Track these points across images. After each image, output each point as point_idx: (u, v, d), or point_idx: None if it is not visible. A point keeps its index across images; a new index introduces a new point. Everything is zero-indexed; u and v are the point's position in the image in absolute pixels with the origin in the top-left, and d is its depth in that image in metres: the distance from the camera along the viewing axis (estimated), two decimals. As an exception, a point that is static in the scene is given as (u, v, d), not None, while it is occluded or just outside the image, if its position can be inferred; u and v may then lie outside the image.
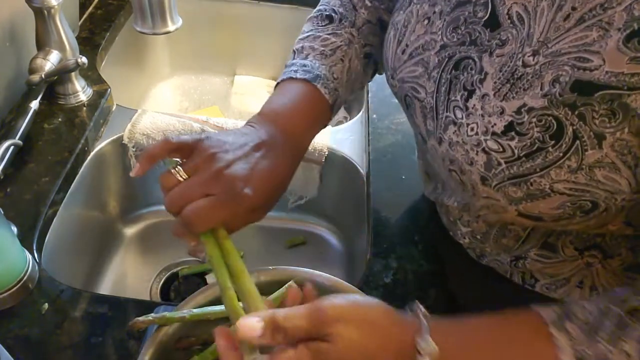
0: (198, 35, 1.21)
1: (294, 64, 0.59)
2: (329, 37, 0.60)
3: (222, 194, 0.45)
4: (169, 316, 0.52)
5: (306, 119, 0.55)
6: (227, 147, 0.48)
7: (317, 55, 0.59)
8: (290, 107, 0.54)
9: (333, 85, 0.57)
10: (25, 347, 0.57)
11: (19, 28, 0.82)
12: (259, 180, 0.47)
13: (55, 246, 0.72)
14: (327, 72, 0.57)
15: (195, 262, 0.91)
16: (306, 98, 0.56)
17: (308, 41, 0.61)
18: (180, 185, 0.46)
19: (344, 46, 0.60)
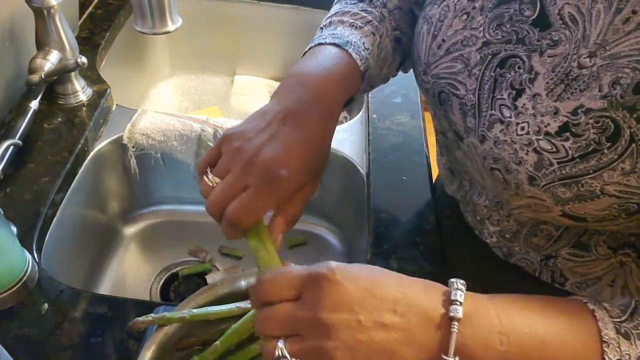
0: (198, 35, 1.21)
1: (322, 35, 0.56)
2: (359, 12, 0.58)
3: (259, 183, 0.44)
4: (169, 316, 0.52)
5: (337, 80, 0.51)
6: (250, 135, 0.46)
7: (347, 27, 0.56)
8: (320, 67, 0.51)
9: (364, 53, 0.54)
10: (25, 347, 0.57)
11: (19, 28, 0.82)
12: (293, 156, 0.45)
13: (55, 246, 0.72)
14: (357, 41, 0.54)
15: (195, 262, 0.91)
16: (337, 59, 0.52)
17: (337, 16, 0.58)
18: (216, 187, 0.45)
19: (375, 22, 0.57)
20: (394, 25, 0.60)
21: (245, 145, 0.45)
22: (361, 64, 0.53)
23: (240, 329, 0.54)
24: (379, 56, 0.57)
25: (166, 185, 0.95)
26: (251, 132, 0.46)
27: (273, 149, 0.44)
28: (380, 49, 0.57)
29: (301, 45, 1.23)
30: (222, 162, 0.46)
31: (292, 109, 0.47)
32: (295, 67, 0.53)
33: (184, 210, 0.98)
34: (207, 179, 0.46)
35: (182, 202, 0.98)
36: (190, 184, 0.94)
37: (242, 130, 0.47)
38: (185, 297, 0.56)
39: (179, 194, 0.97)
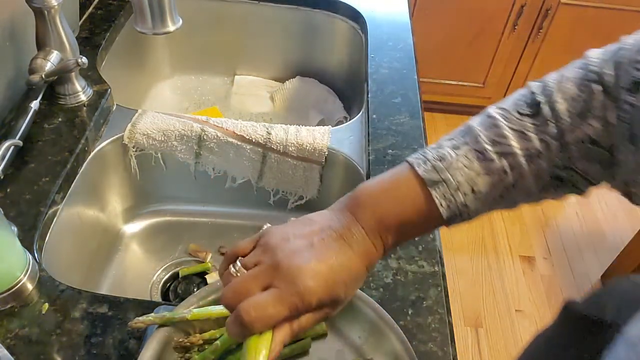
0: (198, 35, 1.21)
1: (439, 146, 0.46)
2: (509, 136, 0.44)
3: (282, 288, 0.40)
4: (169, 316, 0.53)
5: (400, 230, 0.45)
6: (290, 237, 0.43)
7: (472, 152, 0.44)
8: (385, 206, 0.45)
9: (462, 199, 0.44)
10: (25, 347, 0.57)
11: (19, 28, 0.82)
12: (325, 273, 0.41)
13: (55, 246, 0.72)
14: (463, 180, 0.44)
15: (195, 262, 0.91)
16: (410, 203, 0.45)
17: (483, 124, 0.45)
18: (238, 277, 0.43)
19: (522, 157, 0.43)
20: (561, 162, 0.44)
21: (281, 244, 0.43)
22: (446, 211, 0.44)
23: None
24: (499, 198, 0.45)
25: (166, 185, 0.95)
26: (292, 234, 0.44)
27: (307, 259, 0.41)
28: (504, 191, 0.45)
29: (301, 45, 1.24)
30: (253, 254, 0.45)
31: (337, 229, 0.44)
32: (365, 185, 0.47)
33: (184, 210, 0.98)
34: (232, 268, 0.44)
35: (182, 202, 0.98)
36: (190, 184, 0.94)
37: (283, 230, 0.45)
38: (185, 297, 0.56)
39: (179, 194, 0.97)
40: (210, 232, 0.96)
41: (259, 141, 0.86)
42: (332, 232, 0.44)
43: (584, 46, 0.48)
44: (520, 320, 1.77)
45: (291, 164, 0.88)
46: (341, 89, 1.23)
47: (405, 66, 1.02)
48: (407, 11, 1.19)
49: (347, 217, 0.45)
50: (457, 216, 0.45)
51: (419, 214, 0.45)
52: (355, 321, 0.58)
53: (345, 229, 0.44)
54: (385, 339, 0.55)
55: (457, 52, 2.20)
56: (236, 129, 0.87)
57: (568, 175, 0.45)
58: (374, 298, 0.58)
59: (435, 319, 0.63)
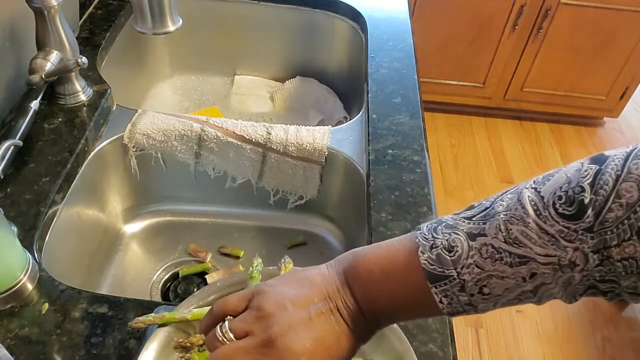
0: (198, 35, 1.21)
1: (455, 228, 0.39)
2: (534, 238, 0.35)
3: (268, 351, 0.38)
4: (169, 316, 0.52)
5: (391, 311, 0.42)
6: (286, 304, 0.40)
7: (493, 252, 0.37)
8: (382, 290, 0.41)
9: (467, 299, 0.38)
10: (25, 347, 0.57)
11: (19, 28, 0.82)
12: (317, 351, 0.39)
13: (55, 246, 0.72)
14: (470, 279, 0.37)
15: (195, 262, 0.91)
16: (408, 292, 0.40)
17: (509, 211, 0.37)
18: (226, 346, 0.40)
19: (547, 268, 0.35)
20: (598, 275, 0.35)
21: (277, 314, 0.40)
22: (446, 308, 0.39)
23: None
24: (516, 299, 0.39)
25: (166, 185, 0.95)
26: (288, 300, 0.41)
27: (304, 341, 0.39)
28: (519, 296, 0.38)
29: (301, 45, 1.24)
30: (244, 318, 0.41)
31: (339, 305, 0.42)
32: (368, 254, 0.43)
33: (184, 210, 0.98)
34: (219, 331, 0.41)
35: (182, 202, 0.98)
36: (190, 184, 0.94)
37: (279, 292, 0.41)
38: (185, 297, 0.56)
39: (179, 194, 0.97)
40: (210, 232, 0.96)
41: (259, 141, 0.86)
42: (330, 304, 0.41)
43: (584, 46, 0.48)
44: (520, 320, 1.77)
45: (291, 164, 0.88)
46: (341, 89, 1.23)
47: (405, 66, 1.02)
48: (407, 11, 1.19)
49: (344, 288, 0.42)
50: (459, 313, 0.40)
51: (417, 305, 0.41)
52: None
53: (343, 302, 0.42)
54: (385, 339, 0.55)
55: (457, 52, 2.20)
56: (236, 129, 0.87)
57: (610, 288, 0.36)
58: (374, 298, 0.58)
59: (436, 319, 0.63)
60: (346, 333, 0.41)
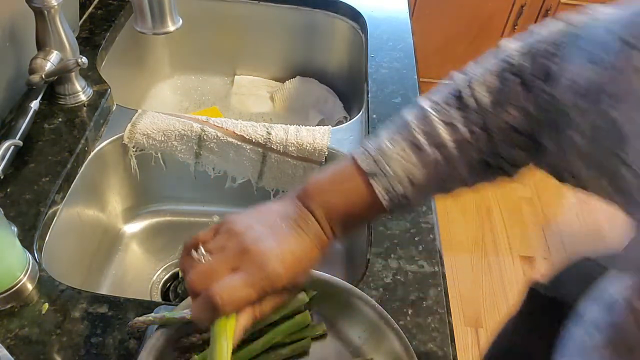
0: (198, 35, 1.21)
1: (378, 139, 0.48)
2: (439, 127, 0.46)
3: (251, 272, 0.42)
4: (169, 316, 0.53)
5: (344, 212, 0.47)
6: (252, 223, 0.45)
7: (408, 144, 0.47)
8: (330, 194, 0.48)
9: (402, 190, 0.46)
10: (25, 347, 0.57)
11: (19, 28, 0.82)
12: (288, 258, 0.43)
13: (55, 246, 0.72)
14: (400, 172, 0.46)
15: (195, 262, 0.91)
16: (355, 195, 0.47)
17: (417, 116, 0.48)
18: (206, 263, 0.43)
19: (453, 149, 0.46)
20: (487, 149, 0.46)
21: (246, 231, 0.44)
22: (387, 202, 0.47)
23: None
24: (435, 187, 0.49)
25: (166, 185, 0.95)
26: (255, 222, 0.45)
27: (273, 246, 0.43)
28: (440, 180, 0.48)
29: (301, 45, 1.24)
30: (218, 239, 0.45)
31: (296, 219, 0.46)
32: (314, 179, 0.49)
33: (184, 210, 0.98)
34: (195, 253, 0.44)
35: (182, 202, 0.98)
36: (190, 184, 0.94)
37: (245, 218, 0.46)
38: (185, 297, 0.56)
39: (179, 194, 0.97)
40: (210, 232, 0.96)
41: (259, 141, 0.86)
42: (290, 221, 0.46)
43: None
44: (520, 320, 1.77)
45: (291, 164, 0.88)
46: (341, 89, 1.23)
47: (405, 66, 1.02)
48: (407, 11, 1.19)
49: (300, 207, 0.47)
50: (398, 206, 0.48)
51: (363, 205, 0.48)
52: (355, 321, 0.58)
53: (300, 218, 0.46)
54: (385, 339, 0.55)
55: (457, 52, 2.20)
56: (236, 129, 0.87)
57: (496, 161, 0.47)
58: (374, 298, 0.58)
59: (435, 319, 0.63)
60: (309, 245, 0.46)
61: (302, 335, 0.58)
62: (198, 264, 0.43)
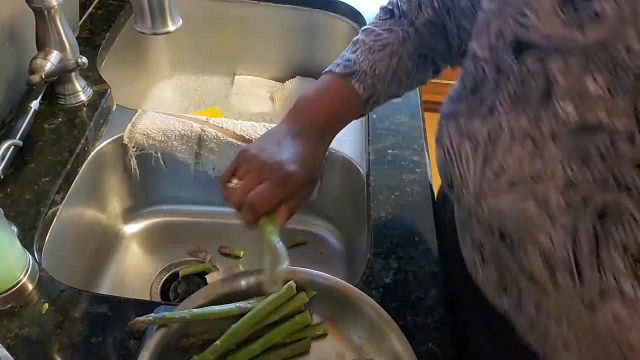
0: (198, 35, 1.21)
1: (343, 56, 0.62)
2: (382, 33, 0.62)
3: (274, 177, 0.53)
4: (169, 316, 0.53)
5: (330, 113, 0.59)
6: (263, 146, 0.56)
7: (365, 50, 0.61)
8: (317, 102, 0.60)
9: (371, 81, 0.60)
10: (25, 347, 0.57)
11: (19, 28, 0.82)
12: (298, 159, 0.54)
13: (55, 246, 0.72)
14: (367, 68, 0.59)
15: (195, 262, 0.91)
16: (335, 93, 0.60)
17: (364, 34, 0.63)
18: (239, 185, 0.55)
19: (395, 44, 0.61)
20: (419, 43, 0.62)
21: (260, 153, 0.55)
22: (363, 92, 0.60)
23: (240, 328, 0.55)
24: (395, 78, 0.61)
25: (166, 185, 0.95)
26: (263, 144, 0.57)
27: (284, 155, 0.54)
28: (395, 71, 0.61)
29: (301, 45, 1.24)
30: (242, 167, 0.56)
31: (295, 133, 0.57)
32: (300, 96, 0.61)
33: (184, 210, 0.98)
34: (230, 184, 0.55)
35: (182, 202, 0.98)
36: (190, 184, 0.94)
37: (255, 144, 0.57)
38: (185, 297, 0.56)
39: (179, 194, 0.97)
40: (210, 232, 0.96)
41: (259, 141, 0.86)
42: (291, 135, 0.57)
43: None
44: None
45: (291, 164, 0.88)
46: (341, 89, 1.23)
47: (405, 66, 1.02)
48: (407, 11, 1.19)
49: (297, 123, 0.59)
50: (371, 97, 0.60)
51: (344, 102, 0.60)
52: (355, 321, 0.58)
53: (298, 131, 0.58)
54: (385, 339, 0.55)
55: (457, 52, 2.20)
56: (236, 129, 0.87)
57: (427, 51, 0.63)
58: (374, 298, 0.58)
59: (435, 319, 0.63)
60: (308, 145, 0.57)
61: (302, 335, 0.58)
62: (235, 189, 0.54)
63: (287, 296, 0.57)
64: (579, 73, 0.36)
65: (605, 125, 0.34)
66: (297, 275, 0.59)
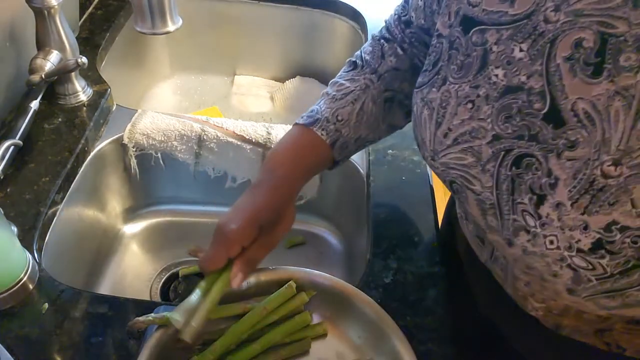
0: (198, 35, 1.21)
1: (310, 109, 0.63)
2: (344, 83, 0.63)
3: (215, 239, 0.54)
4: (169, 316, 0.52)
5: (295, 161, 0.59)
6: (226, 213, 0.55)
7: (328, 100, 0.62)
8: (282, 151, 0.60)
9: (334, 126, 0.60)
10: (25, 347, 0.57)
11: (19, 28, 0.82)
12: (241, 215, 0.53)
13: (55, 246, 0.72)
14: (329, 115, 0.60)
15: (195, 262, 0.91)
16: (300, 142, 0.60)
17: (330, 86, 0.64)
18: None
19: (358, 91, 0.62)
20: (382, 88, 0.63)
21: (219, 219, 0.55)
22: (327, 138, 0.60)
23: (240, 328, 0.55)
24: (360, 122, 0.62)
25: (166, 185, 0.95)
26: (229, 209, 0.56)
27: (228, 213, 0.54)
28: (359, 116, 0.62)
29: (301, 45, 1.24)
30: None
31: (254, 185, 0.57)
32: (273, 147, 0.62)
33: (184, 210, 0.98)
34: None
35: (182, 202, 0.98)
36: (190, 184, 0.94)
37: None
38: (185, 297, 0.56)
39: (179, 194, 0.97)
40: (210, 232, 0.95)
41: (259, 141, 0.86)
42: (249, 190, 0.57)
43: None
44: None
45: (291, 164, 0.88)
46: (341, 89, 1.23)
47: (405, 66, 1.02)
48: (407, 11, 1.18)
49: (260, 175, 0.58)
50: (336, 142, 0.60)
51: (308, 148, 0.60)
52: (355, 321, 0.58)
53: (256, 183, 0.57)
54: (385, 339, 0.55)
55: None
56: (236, 129, 0.87)
57: (392, 94, 0.64)
58: (374, 298, 0.58)
59: (435, 319, 0.63)
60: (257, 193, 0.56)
61: (302, 335, 0.58)
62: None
63: (287, 296, 0.57)
64: (508, 42, 0.43)
65: (524, 86, 0.42)
66: (297, 275, 0.59)
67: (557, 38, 0.40)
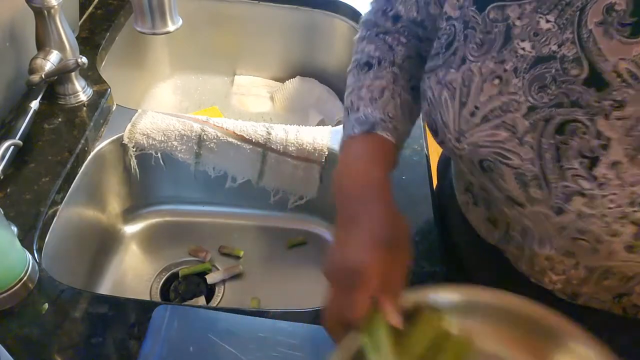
0: (198, 35, 1.21)
1: (349, 121, 0.58)
2: (373, 82, 0.59)
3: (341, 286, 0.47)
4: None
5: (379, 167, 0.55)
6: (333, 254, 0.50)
7: (367, 103, 0.58)
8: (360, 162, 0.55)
9: (392, 125, 0.56)
10: (25, 347, 0.57)
11: (19, 28, 0.82)
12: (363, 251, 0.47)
13: (55, 246, 0.72)
14: (382, 115, 0.56)
15: (195, 262, 0.91)
16: (371, 149, 0.56)
17: (354, 94, 0.60)
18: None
19: (390, 85, 0.59)
20: (407, 77, 0.60)
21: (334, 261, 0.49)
22: (392, 137, 0.56)
23: None
24: (405, 114, 0.59)
25: (166, 185, 0.95)
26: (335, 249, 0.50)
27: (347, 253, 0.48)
28: (403, 109, 0.58)
29: (301, 45, 1.24)
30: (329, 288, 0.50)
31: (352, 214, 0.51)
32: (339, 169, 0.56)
33: (184, 210, 0.98)
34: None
35: (182, 202, 0.98)
36: (190, 184, 0.94)
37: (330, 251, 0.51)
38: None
39: (179, 194, 0.97)
40: (210, 232, 0.96)
41: (259, 141, 0.86)
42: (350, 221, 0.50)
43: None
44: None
45: (291, 163, 0.88)
46: (341, 89, 1.23)
47: (405, 66, 1.02)
48: (407, 11, 1.18)
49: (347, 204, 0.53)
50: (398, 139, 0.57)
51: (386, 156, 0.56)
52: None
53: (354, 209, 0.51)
54: None
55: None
56: (236, 129, 0.87)
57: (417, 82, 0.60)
58: (374, 298, 0.58)
59: (435, 319, 0.62)
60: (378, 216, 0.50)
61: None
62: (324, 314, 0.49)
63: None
64: (532, 15, 0.43)
65: (556, 55, 0.42)
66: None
67: (587, 5, 0.40)
